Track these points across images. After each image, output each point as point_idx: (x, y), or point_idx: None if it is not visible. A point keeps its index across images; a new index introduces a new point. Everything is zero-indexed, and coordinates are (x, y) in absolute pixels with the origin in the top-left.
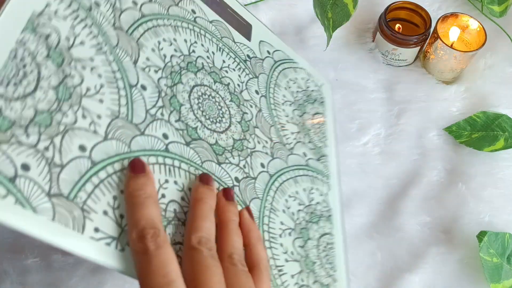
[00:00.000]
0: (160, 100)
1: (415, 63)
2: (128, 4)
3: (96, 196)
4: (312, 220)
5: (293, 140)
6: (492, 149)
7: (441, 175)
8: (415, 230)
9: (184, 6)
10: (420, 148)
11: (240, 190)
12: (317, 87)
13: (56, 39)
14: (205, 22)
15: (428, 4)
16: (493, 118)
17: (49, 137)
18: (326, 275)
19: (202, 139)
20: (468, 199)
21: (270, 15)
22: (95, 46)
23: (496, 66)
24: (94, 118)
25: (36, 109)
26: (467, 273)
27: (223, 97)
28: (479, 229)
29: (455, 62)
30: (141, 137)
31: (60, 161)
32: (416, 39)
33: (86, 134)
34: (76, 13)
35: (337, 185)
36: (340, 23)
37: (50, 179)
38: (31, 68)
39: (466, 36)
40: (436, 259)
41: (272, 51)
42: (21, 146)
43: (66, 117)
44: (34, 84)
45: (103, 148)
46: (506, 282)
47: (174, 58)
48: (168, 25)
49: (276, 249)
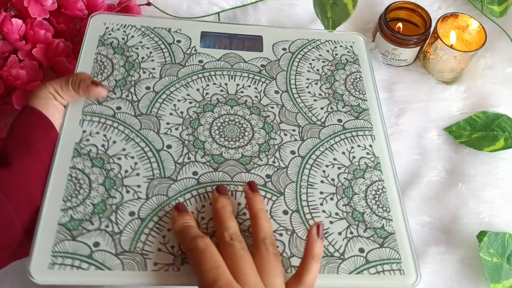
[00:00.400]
0: (184, 148)
1: (415, 63)
2: (143, 92)
3: (150, 241)
4: (356, 176)
5: (324, 113)
6: (492, 149)
7: (441, 175)
8: (415, 230)
9: (191, 62)
10: (420, 148)
11: (273, 182)
12: (347, 49)
13: (95, 150)
14: (213, 63)
15: (428, 4)
16: (493, 118)
17: (107, 218)
18: (378, 219)
19: (227, 159)
20: (468, 199)
21: (270, 15)
22: (124, 138)
23: (496, 66)
24: (135, 188)
25: (93, 204)
26: (467, 273)
27: (242, 115)
28: (479, 229)
29: (455, 62)
30: (175, 183)
31: (119, 229)
32: (416, 39)
33: (132, 203)
34: (104, 124)
35: (382, 132)
36: (340, 22)
37: (114, 245)
38: (83, 180)
39: (466, 36)
40: (436, 259)
41: (288, 45)
42: (89, 232)
43: (115, 198)
44: (88, 189)
45: (147, 207)
46: (506, 282)
47: (190, 110)
48: (180, 87)
49: (319, 217)
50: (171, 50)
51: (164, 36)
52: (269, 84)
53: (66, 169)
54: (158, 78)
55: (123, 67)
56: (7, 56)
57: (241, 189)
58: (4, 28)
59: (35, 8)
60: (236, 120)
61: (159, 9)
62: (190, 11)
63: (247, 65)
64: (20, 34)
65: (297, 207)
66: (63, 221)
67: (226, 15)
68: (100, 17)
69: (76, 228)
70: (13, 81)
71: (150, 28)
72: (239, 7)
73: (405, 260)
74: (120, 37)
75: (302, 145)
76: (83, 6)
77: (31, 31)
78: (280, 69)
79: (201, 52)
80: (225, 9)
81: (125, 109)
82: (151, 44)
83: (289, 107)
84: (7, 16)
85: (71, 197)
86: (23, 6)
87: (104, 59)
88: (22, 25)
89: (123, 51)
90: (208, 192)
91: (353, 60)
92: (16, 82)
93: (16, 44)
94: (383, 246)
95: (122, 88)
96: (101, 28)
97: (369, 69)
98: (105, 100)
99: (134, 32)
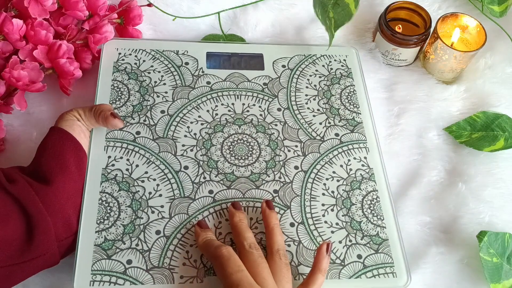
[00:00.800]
0: (200, 168)
1: (415, 63)
2: (158, 116)
3: (175, 256)
4: (353, 187)
5: (323, 128)
6: (492, 149)
7: (441, 175)
8: (415, 230)
9: (200, 84)
10: (420, 148)
11: (280, 197)
12: (341, 63)
13: (120, 174)
14: (220, 84)
15: (428, 4)
16: (493, 118)
17: (136, 237)
18: (373, 227)
19: (239, 177)
20: (468, 199)
21: (270, 15)
22: (146, 162)
23: (496, 66)
24: (159, 209)
25: (123, 225)
26: (467, 273)
27: (249, 133)
28: (479, 229)
29: (455, 62)
30: (194, 202)
31: (147, 247)
32: (416, 39)
33: (157, 222)
34: (126, 149)
35: (375, 143)
36: (342, 23)
37: (145, 261)
38: (113, 203)
39: (466, 36)
40: (436, 259)
41: (287, 61)
42: (122, 251)
43: (142, 219)
44: (117, 211)
45: (171, 225)
46: (506, 282)
47: (202, 131)
48: (192, 109)
49: (321, 227)
50: (181, 72)
51: (173, 59)
52: (272, 102)
53: (97, 194)
54: (171, 101)
55: (138, 92)
56: (8, 56)
57: (252, 205)
58: (4, 29)
59: (35, 9)
60: (244, 139)
61: (160, 9)
62: (190, 11)
63: (251, 84)
64: (21, 34)
65: (302, 219)
66: (98, 242)
67: (226, 15)
68: (113, 43)
69: (110, 248)
70: (15, 82)
71: (159, 52)
72: (239, 7)
73: (397, 264)
74: (133, 62)
75: (305, 160)
76: (84, 7)
77: (31, 31)
78: (281, 87)
79: (208, 74)
80: (225, 9)
81: (144, 134)
82: (162, 68)
83: (291, 124)
84: (7, 17)
85: (103, 220)
86: (23, 6)
87: (120, 85)
88: (22, 26)
89: (136, 76)
90: (223, 209)
91: (346, 74)
92: (18, 83)
93: (17, 45)
94: (378, 252)
95: (139, 113)
96: (114, 54)
97: (362, 81)
98: (125, 125)
99: (145, 57)
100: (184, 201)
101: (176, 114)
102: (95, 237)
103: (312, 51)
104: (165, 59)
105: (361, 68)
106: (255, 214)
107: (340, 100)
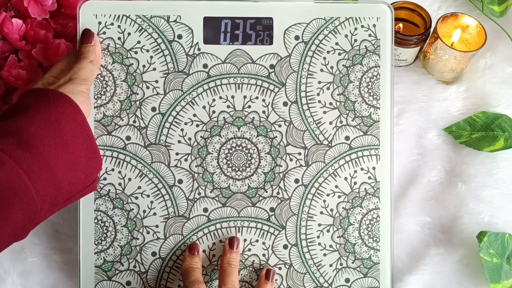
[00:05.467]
0: (194, 182)
1: (415, 63)
2: (149, 115)
3: (171, 278)
4: (354, 204)
5: (333, 130)
6: (492, 149)
7: (441, 175)
8: (415, 231)
9: (195, 68)
10: (419, 148)
11: (276, 216)
12: (369, 30)
13: (113, 190)
14: (219, 68)
15: (428, 4)
16: (493, 118)
17: (133, 258)
18: (367, 249)
19: (235, 192)
20: (468, 199)
21: None
22: (138, 175)
23: (496, 66)
24: (154, 229)
25: (120, 246)
26: (467, 273)
27: (249, 138)
28: (479, 229)
29: (455, 62)
30: (189, 222)
31: (145, 269)
32: (416, 39)
33: (152, 243)
34: (117, 159)
35: (389, 149)
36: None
37: (142, 283)
38: (108, 222)
39: (466, 36)
40: (436, 259)
41: (302, 30)
42: (121, 273)
43: (138, 240)
44: (113, 231)
45: (166, 246)
46: (506, 282)
47: (198, 134)
48: (185, 105)
49: (314, 250)
50: (173, 51)
51: (164, 29)
52: (278, 92)
53: (92, 212)
54: (162, 94)
55: (124, 81)
56: (7, 56)
57: (246, 225)
58: (4, 28)
59: (35, 8)
60: (243, 145)
61: None
62: None
63: (255, 67)
64: (20, 34)
65: (296, 241)
66: (98, 264)
67: None
68: (90, 5)
69: (110, 269)
70: (14, 81)
71: (146, 19)
72: None
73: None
74: (116, 36)
75: (307, 171)
76: None
77: (31, 31)
78: (291, 70)
79: (205, 52)
80: None
81: (134, 139)
82: (151, 45)
83: (296, 124)
84: (7, 16)
85: (101, 240)
86: (23, 6)
87: (104, 72)
88: (22, 25)
89: (122, 59)
90: (218, 229)
91: (373, 48)
92: (17, 82)
93: (16, 44)
94: (367, 276)
95: (128, 111)
96: (93, 24)
97: (389, 60)
98: (114, 129)
99: (131, 28)
100: (178, 220)
101: (169, 112)
102: (94, 258)
103: (334, 12)
104: (153, 30)
105: (393, 38)
106: (249, 235)
107: (358, 89)
